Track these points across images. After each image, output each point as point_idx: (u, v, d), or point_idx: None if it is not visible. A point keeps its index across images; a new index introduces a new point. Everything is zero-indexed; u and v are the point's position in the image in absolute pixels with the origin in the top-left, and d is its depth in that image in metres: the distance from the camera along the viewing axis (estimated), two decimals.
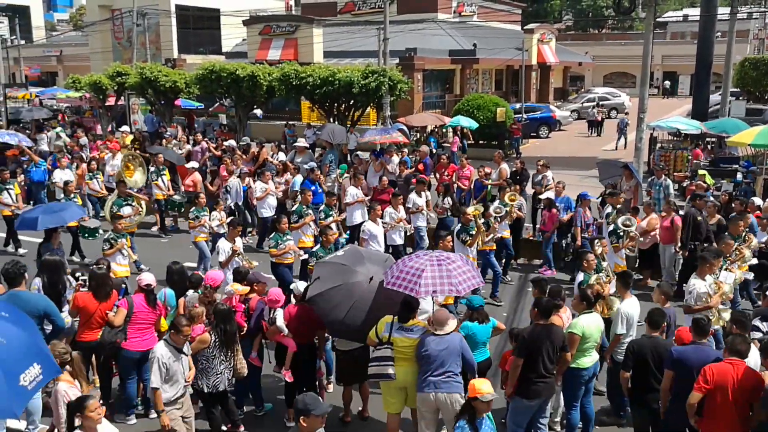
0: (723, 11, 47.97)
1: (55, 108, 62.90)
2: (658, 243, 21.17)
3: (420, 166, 28.95)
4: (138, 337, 13.19)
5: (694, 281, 14.47)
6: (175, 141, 34.28)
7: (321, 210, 21.58)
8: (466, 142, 43.30)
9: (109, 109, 53.59)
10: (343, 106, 39.42)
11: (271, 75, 40.57)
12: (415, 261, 12.31)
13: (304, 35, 60.05)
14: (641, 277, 21.27)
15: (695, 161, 33.55)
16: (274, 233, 18.80)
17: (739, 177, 29.60)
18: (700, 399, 10.13)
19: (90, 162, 28.00)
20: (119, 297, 13.74)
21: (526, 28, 74.80)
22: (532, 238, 24.48)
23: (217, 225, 21.39)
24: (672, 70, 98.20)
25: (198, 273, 14.92)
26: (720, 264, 15.65)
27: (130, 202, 22.39)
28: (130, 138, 36.11)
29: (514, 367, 11.52)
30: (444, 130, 45.39)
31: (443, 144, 42.50)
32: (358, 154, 31.38)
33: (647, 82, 33.64)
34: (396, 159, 28.72)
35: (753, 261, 18.39)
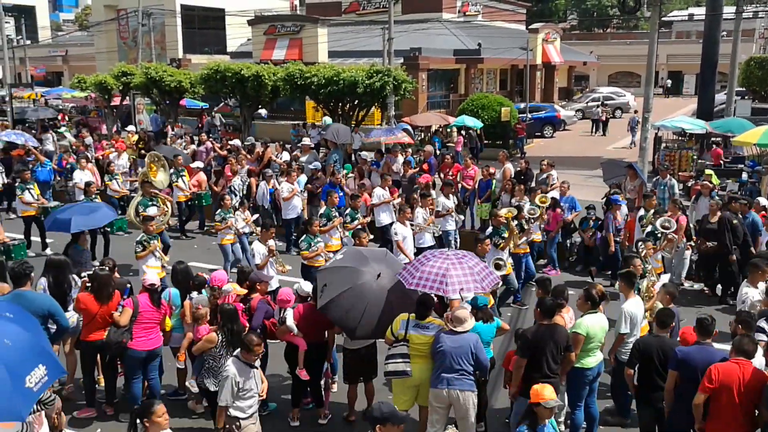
0: (728, 10, 47.85)
1: (61, 108, 63.08)
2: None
3: (424, 165, 28.91)
4: (143, 337, 13.22)
5: (746, 289, 14.36)
6: (180, 140, 34.29)
7: (347, 213, 21.30)
8: (480, 143, 43.11)
9: (115, 109, 53.65)
10: (348, 105, 39.40)
11: (276, 75, 40.55)
12: (435, 261, 12.38)
13: (308, 35, 60.10)
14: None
15: (701, 161, 33.52)
16: (305, 235, 18.55)
17: (745, 177, 29.58)
18: (705, 400, 10.10)
19: (109, 164, 27.96)
20: (124, 297, 13.75)
21: (530, 27, 74.93)
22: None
23: (243, 226, 21.36)
24: (677, 69, 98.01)
25: (202, 274, 14.90)
26: None
27: (155, 202, 22.29)
28: (135, 138, 36.13)
29: (517, 367, 11.53)
30: (448, 129, 45.35)
31: (447, 144, 42.45)
32: (361, 153, 31.34)
33: (652, 81, 33.60)
34: (400, 159, 28.70)
35: None
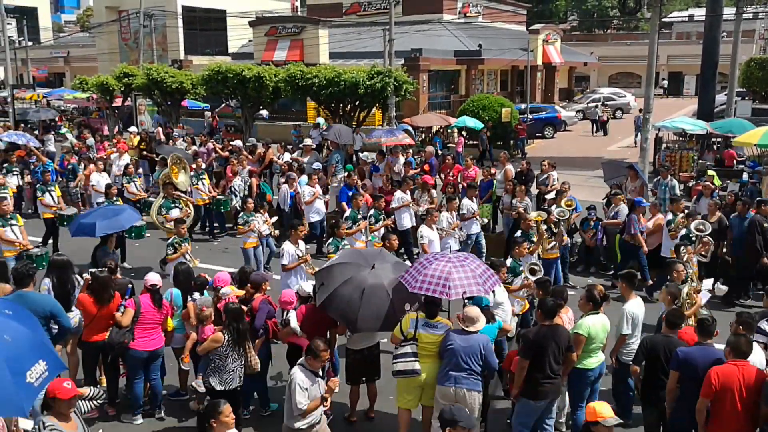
0: (729, 11, 47.89)
1: (63, 109, 63.21)
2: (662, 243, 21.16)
3: (425, 166, 28.93)
4: (145, 337, 13.25)
5: None
6: (181, 141, 34.32)
7: (371, 214, 21.20)
8: (490, 145, 43.01)
9: (116, 110, 53.70)
10: (349, 106, 39.43)
11: (277, 76, 40.60)
12: (437, 264, 12.32)
13: (309, 36, 60.16)
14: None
15: (702, 161, 33.57)
16: (332, 239, 18.08)
17: (745, 177, 29.59)
18: (708, 404, 10.11)
19: (127, 166, 27.88)
20: (125, 297, 13.78)
21: (531, 28, 74.99)
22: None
23: (265, 229, 21.21)
24: (678, 70, 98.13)
25: (203, 275, 14.91)
26: None
27: (177, 204, 22.29)
28: (137, 139, 36.18)
29: (519, 369, 11.52)
30: (449, 130, 45.36)
31: (448, 144, 42.46)
32: (362, 154, 31.36)
33: (653, 82, 33.64)
34: (401, 159, 28.71)
35: None
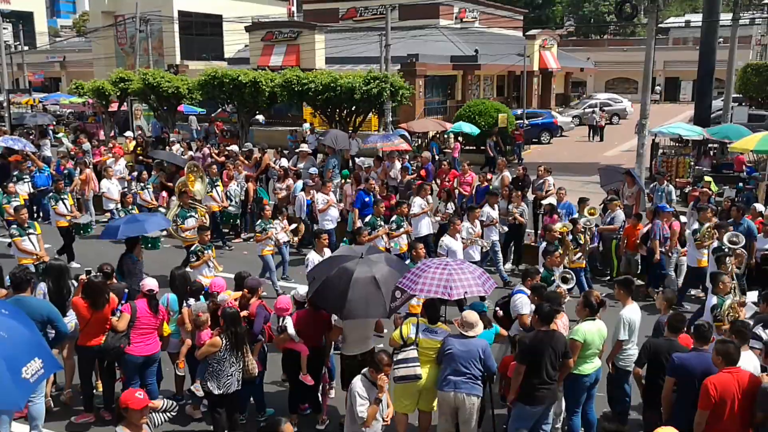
0: (725, 17, 47.85)
1: (59, 113, 63.18)
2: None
3: (422, 172, 28.92)
4: (141, 342, 13.23)
5: None
6: (177, 146, 34.30)
7: (393, 220, 21.05)
8: (497, 148, 42.78)
9: (112, 115, 53.65)
10: (345, 112, 39.41)
11: (274, 81, 40.57)
12: (436, 269, 12.33)
13: (306, 41, 60.15)
14: (642, 284, 21.26)
15: (698, 167, 33.60)
16: (353, 245, 17.92)
17: (741, 183, 29.61)
18: (706, 416, 10.06)
19: (141, 173, 27.77)
20: (122, 302, 13.78)
21: (527, 34, 75.00)
22: (533, 243, 24.35)
23: (283, 236, 21.05)
24: (674, 75, 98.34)
25: (199, 281, 14.91)
26: None
27: (193, 213, 22.04)
28: (133, 144, 36.17)
29: (516, 374, 11.52)
30: (446, 136, 45.38)
31: (445, 150, 42.47)
32: (358, 159, 31.34)
33: (649, 87, 33.63)
34: (398, 165, 28.70)
35: None
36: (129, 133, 40.39)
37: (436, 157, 34.22)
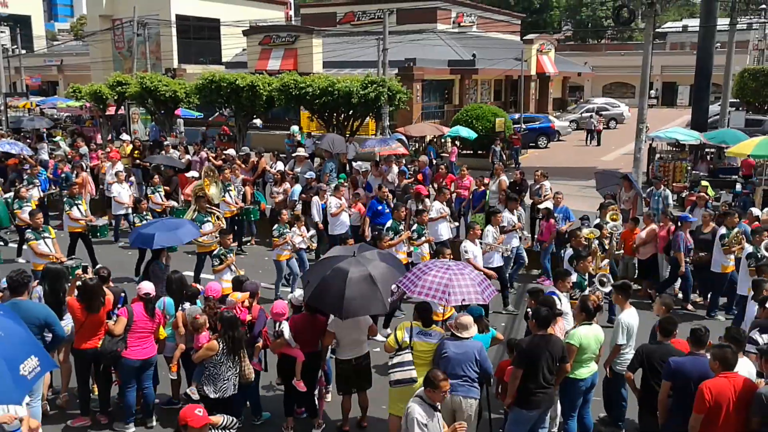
0: (722, 22, 47.97)
1: (56, 117, 63.13)
2: (657, 253, 21.16)
3: (419, 176, 28.89)
4: (138, 346, 13.22)
5: None
6: (173, 150, 34.24)
7: (414, 229, 20.39)
8: (501, 151, 42.58)
9: (110, 119, 53.64)
10: (343, 116, 39.39)
11: (271, 85, 40.54)
12: (437, 271, 12.39)
13: (303, 45, 60.22)
14: (640, 288, 21.26)
15: (695, 171, 33.63)
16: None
17: (738, 188, 29.63)
18: (700, 420, 10.04)
19: (153, 176, 27.59)
20: (118, 306, 13.77)
21: (525, 38, 75.07)
22: (529, 247, 24.28)
23: (300, 241, 20.73)
24: (671, 80, 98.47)
25: (195, 285, 14.88)
26: None
27: (209, 218, 21.76)
28: (129, 147, 36.14)
29: (513, 378, 11.51)
30: (443, 140, 45.37)
31: (442, 154, 42.45)
32: (355, 163, 31.29)
33: (646, 92, 33.62)
34: (395, 169, 28.66)
35: None
36: (126, 137, 40.36)
37: (433, 162, 34.21)
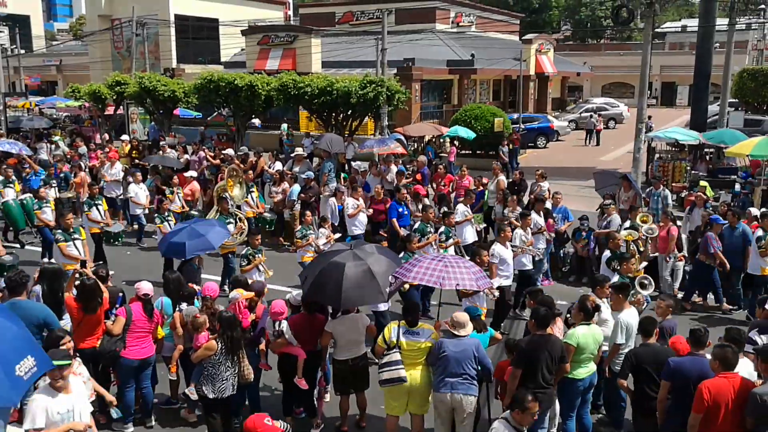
0: (721, 22, 47.95)
1: (55, 117, 63.09)
2: (655, 253, 21.13)
3: (418, 176, 28.86)
4: (136, 346, 13.22)
5: None
6: (170, 150, 34.19)
7: (441, 231, 20.33)
8: (513, 158, 42.49)
9: (109, 119, 53.63)
10: (341, 115, 39.41)
11: (270, 85, 40.57)
12: (432, 260, 12.73)
13: (302, 45, 60.11)
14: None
15: (695, 171, 33.64)
16: (403, 252, 17.73)
17: (737, 188, 29.61)
18: (699, 419, 10.04)
19: (171, 177, 27.44)
20: (116, 306, 13.76)
21: (524, 38, 74.98)
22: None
23: (324, 243, 20.25)
24: (671, 80, 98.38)
25: (192, 286, 14.85)
26: None
27: (231, 219, 21.57)
28: (128, 147, 36.13)
29: (512, 378, 11.49)
30: (442, 140, 45.34)
31: (441, 154, 42.42)
32: (357, 163, 31.27)
33: (645, 92, 33.63)
34: (394, 168, 28.64)
35: None
36: (125, 137, 40.35)
37: (432, 162, 34.19)
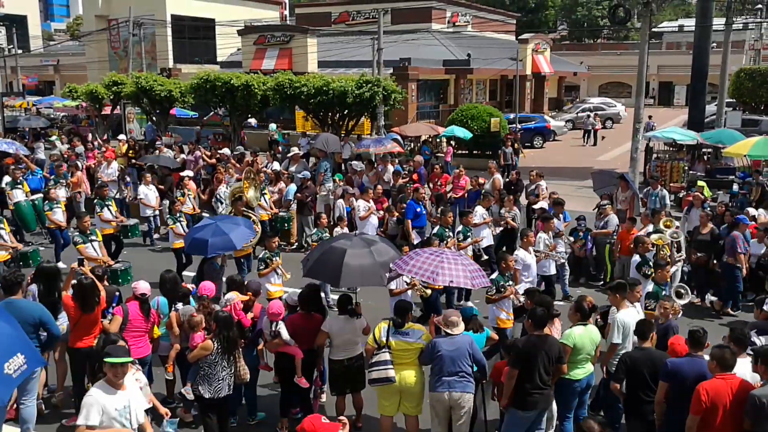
0: (718, 22, 47.95)
1: (53, 117, 63.13)
2: None
3: (414, 176, 28.84)
4: (133, 345, 13.04)
5: None
6: (167, 150, 34.15)
7: (459, 231, 20.26)
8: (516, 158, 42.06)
9: (106, 119, 53.62)
10: (338, 115, 39.42)
11: (266, 84, 40.57)
12: (430, 255, 12.76)
13: (298, 45, 60.10)
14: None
15: (692, 171, 33.63)
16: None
17: (735, 188, 29.59)
18: (698, 421, 10.00)
19: (183, 179, 27.30)
20: (113, 305, 13.72)
21: (520, 38, 75.08)
22: None
23: None
24: (668, 80, 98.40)
25: (186, 285, 14.78)
26: None
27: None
28: (125, 147, 36.11)
29: (509, 378, 11.44)
30: (438, 140, 45.33)
31: (437, 154, 42.41)
32: (351, 163, 31.23)
33: (642, 92, 33.63)
34: (390, 168, 28.63)
35: None
36: (122, 137, 40.35)
37: (429, 162, 34.17)
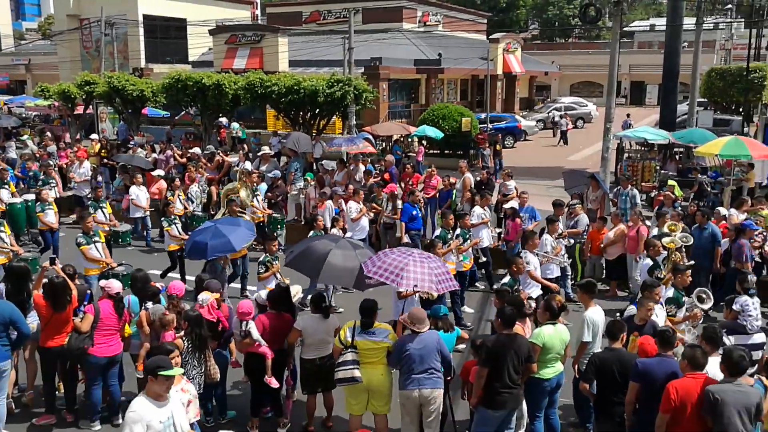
0: (689, 21, 48.20)
1: (24, 116, 62.90)
2: (625, 253, 21.14)
3: (386, 175, 28.84)
4: (104, 343, 13.16)
5: None
6: (140, 150, 34.07)
7: (458, 234, 19.74)
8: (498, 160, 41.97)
9: (78, 118, 53.47)
10: (309, 114, 39.43)
11: (237, 84, 40.63)
12: (397, 255, 12.86)
13: (269, 44, 60.11)
14: (608, 288, 21.28)
15: (664, 171, 33.77)
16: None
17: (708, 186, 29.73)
18: (667, 420, 10.01)
19: (173, 180, 27.04)
20: (84, 303, 13.68)
21: (491, 37, 75.29)
22: (496, 246, 24.08)
23: None
24: (640, 79, 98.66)
25: (154, 284, 14.70)
26: None
27: None
28: (98, 146, 36.01)
29: (478, 377, 11.45)
30: (410, 139, 45.36)
31: (409, 154, 42.45)
32: (323, 163, 31.18)
33: (614, 91, 33.63)
34: (362, 168, 28.63)
35: None
36: (94, 136, 40.22)
37: (400, 161, 34.18)
